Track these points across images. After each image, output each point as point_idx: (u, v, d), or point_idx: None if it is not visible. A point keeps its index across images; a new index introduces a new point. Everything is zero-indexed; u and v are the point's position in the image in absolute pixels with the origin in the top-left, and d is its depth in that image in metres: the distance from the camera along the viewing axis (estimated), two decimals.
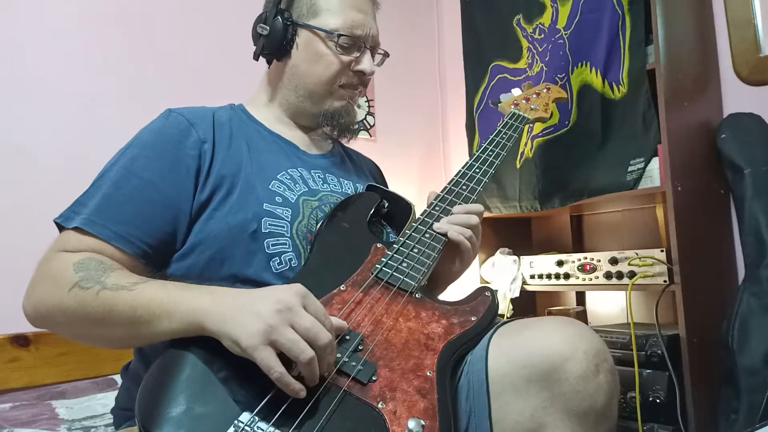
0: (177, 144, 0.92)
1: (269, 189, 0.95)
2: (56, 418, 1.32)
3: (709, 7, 1.78)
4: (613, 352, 1.57)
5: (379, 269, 0.87)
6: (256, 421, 0.63)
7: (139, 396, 0.65)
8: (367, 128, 2.39)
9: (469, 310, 0.84)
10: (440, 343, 0.78)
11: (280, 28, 1.02)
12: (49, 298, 0.78)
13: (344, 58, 1.04)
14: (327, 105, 1.06)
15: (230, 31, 1.11)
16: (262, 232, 0.90)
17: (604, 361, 0.74)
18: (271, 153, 1.02)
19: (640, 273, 1.60)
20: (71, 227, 0.84)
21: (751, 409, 1.43)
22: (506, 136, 1.14)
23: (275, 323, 0.67)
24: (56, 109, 1.66)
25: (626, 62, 1.71)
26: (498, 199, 2.09)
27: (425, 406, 0.69)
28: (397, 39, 2.51)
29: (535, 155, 1.94)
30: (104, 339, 0.81)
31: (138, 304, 0.74)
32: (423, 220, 0.96)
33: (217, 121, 0.98)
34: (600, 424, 0.73)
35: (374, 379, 0.71)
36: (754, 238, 1.56)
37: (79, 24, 1.73)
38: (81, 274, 0.77)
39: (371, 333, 0.77)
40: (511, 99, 1.29)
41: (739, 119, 1.67)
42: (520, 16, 2.11)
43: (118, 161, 0.91)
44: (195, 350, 0.70)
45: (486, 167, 1.06)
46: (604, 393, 0.72)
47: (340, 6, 1.03)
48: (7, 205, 1.55)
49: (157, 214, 0.87)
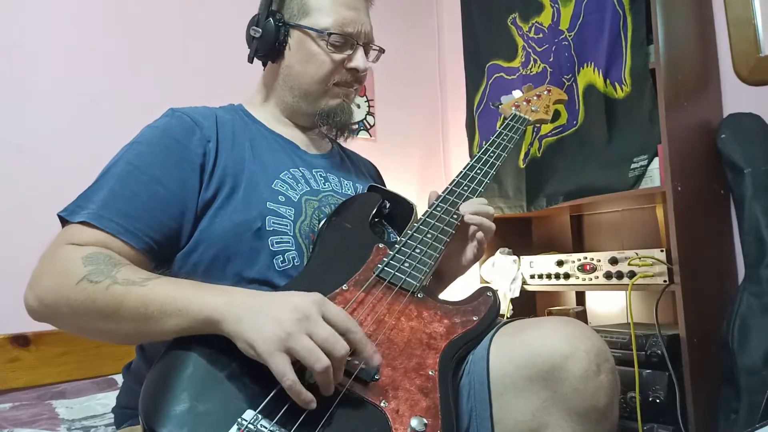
0: (182, 141, 0.92)
1: (272, 188, 0.95)
2: (56, 418, 1.32)
3: (709, 7, 1.78)
4: (613, 352, 1.56)
5: (380, 269, 0.87)
6: (260, 418, 0.63)
7: (143, 394, 0.65)
8: (367, 128, 2.39)
9: (471, 310, 0.85)
10: (442, 343, 0.78)
11: (272, 29, 1.03)
12: (55, 289, 0.77)
13: (336, 57, 1.03)
14: (322, 104, 1.06)
15: (230, 30, 1.11)
16: (266, 230, 0.90)
17: (606, 360, 0.74)
18: (273, 152, 1.02)
19: (640, 273, 1.60)
20: (77, 221, 0.83)
21: (751, 409, 1.43)
22: (507, 137, 1.14)
23: (293, 331, 0.66)
24: (56, 109, 1.66)
25: (628, 61, 1.72)
26: (500, 199, 2.09)
27: (428, 404, 0.69)
28: (397, 39, 2.51)
29: (543, 155, 1.95)
30: (110, 334, 0.80)
31: (149, 300, 0.73)
32: (425, 221, 0.96)
33: (219, 121, 0.99)
34: (601, 423, 0.73)
35: (377, 378, 0.71)
36: (754, 238, 1.56)
37: (79, 24, 1.73)
38: (90, 267, 0.76)
39: (373, 332, 0.77)
40: (512, 101, 1.29)
41: (739, 119, 1.67)
42: (516, 15, 2.12)
43: (122, 157, 0.90)
44: (198, 349, 0.70)
45: (487, 168, 1.07)
46: (605, 392, 0.72)
47: (331, 4, 1.03)
48: (7, 204, 1.55)
49: (163, 210, 0.87)
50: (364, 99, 2.38)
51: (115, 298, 0.74)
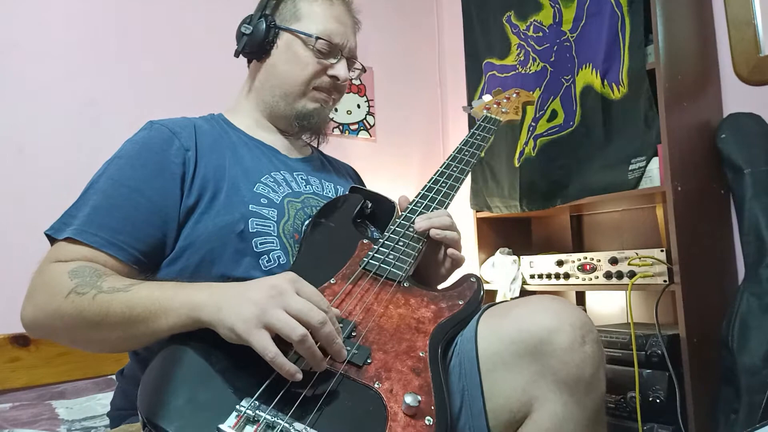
0: (161, 152, 0.95)
1: (254, 191, 0.98)
2: (56, 419, 1.32)
3: (709, 7, 1.78)
4: (614, 352, 1.58)
5: (366, 262, 0.90)
6: (257, 405, 0.64)
7: (141, 391, 0.66)
8: (367, 128, 2.39)
9: (456, 295, 0.88)
10: (431, 326, 0.81)
11: (262, 28, 1.07)
12: (46, 305, 0.79)
13: (320, 62, 1.08)
14: (300, 105, 1.09)
15: (230, 30, 1.12)
16: (249, 231, 0.93)
17: (590, 332, 0.76)
18: (253, 157, 1.05)
19: (640, 273, 1.60)
20: (62, 238, 0.85)
21: (751, 409, 1.43)
22: (480, 137, 1.20)
23: (267, 306, 0.69)
24: (56, 109, 1.66)
25: (626, 62, 1.72)
26: (498, 198, 2.09)
27: (420, 383, 0.71)
28: (397, 39, 2.51)
29: (538, 154, 1.95)
30: (101, 342, 0.82)
31: (134, 303, 0.75)
32: (406, 216, 1.00)
33: (198, 130, 1.01)
34: (589, 393, 0.75)
35: (369, 362, 0.73)
36: (754, 238, 1.56)
37: (78, 24, 1.73)
38: (76, 281, 0.78)
39: (363, 320, 0.80)
40: (483, 104, 1.35)
41: (739, 119, 1.67)
42: (511, 13, 2.12)
43: (104, 173, 0.93)
44: (193, 345, 0.72)
45: (463, 166, 1.11)
46: (591, 362, 0.75)
47: (322, 15, 1.09)
48: (7, 204, 1.55)
49: (146, 220, 0.89)
50: (364, 99, 2.38)
51: (101, 306, 0.76)
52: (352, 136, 2.33)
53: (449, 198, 1.05)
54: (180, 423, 0.62)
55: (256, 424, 0.62)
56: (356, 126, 2.35)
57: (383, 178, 2.26)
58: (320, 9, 1.09)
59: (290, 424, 0.62)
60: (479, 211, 2.16)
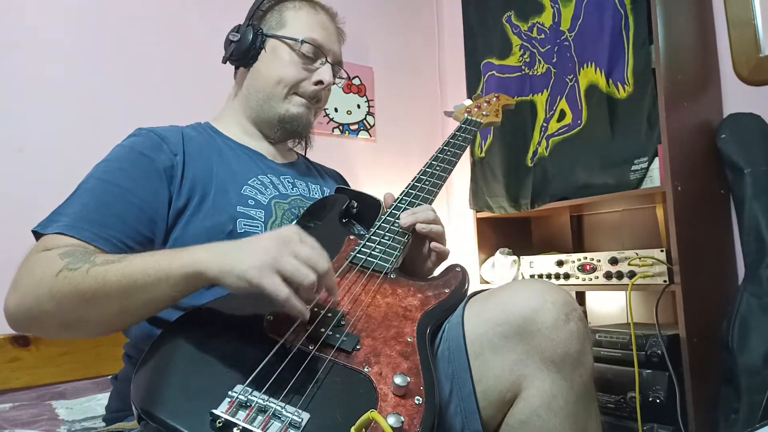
0: (150, 156, 0.96)
1: (241, 193, 1.01)
2: (56, 419, 1.32)
3: (709, 7, 1.78)
4: (613, 352, 1.58)
5: (353, 256, 0.92)
6: (249, 391, 0.65)
7: (134, 385, 0.66)
8: (367, 128, 2.39)
9: (442, 284, 0.90)
10: (418, 313, 0.83)
11: (249, 36, 1.11)
12: (36, 287, 0.77)
13: (305, 66, 1.11)
14: (283, 109, 1.11)
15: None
16: (237, 232, 0.95)
17: (573, 310, 0.78)
18: (240, 162, 1.07)
19: (640, 273, 1.60)
20: (51, 232, 0.85)
21: (751, 409, 1.43)
22: (461, 138, 1.25)
23: (279, 254, 0.71)
24: (56, 109, 1.66)
25: (630, 61, 1.72)
26: (504, 198, 2.08)
27: (409, 366, 0.73)
28: (397, 38, 2.51)
29: (551, 153, 1.95)
30: (97, 319, 0.79)
31: (131, 270, 0.74)
32: (391, 212, 1.02)
33: (186, 137, 1.04)
34: (576, 368, 0.77)
35: (358, 348, 0.75)
36: (754, 238, 1.56)
37: (79, 24, 1.73)
38: (68, 259, 0.77)
39: (351, 310, 0.81)
40: (463, 108, 1.39)
41: (739, 119, 1.67)
42: (512, 13, 2.12)
43: (93, 175, 0.94)
44: (185, 335, 0.73)
45: (446, 165, 1.15)
46: (577, 339, 0.77)
47: (308, 21, 1.13)
48: (7, 204, 1.55)
49: (136, 217, 0.90)
50: (364, 99, 2.38)
51: (95, 278, 0.74)
52: (352, 136, 2.33)
53: (433, 195, 1.07)
54: (174, 410, 0.63)
55: (249, 408, 0.63)
56: (356, 126, 2.35)
57: (383, 178, 2.26)
58: (305, 16, 1.13)
59: (282, 407, 0.64)
60: (479, 211, 2.16)
